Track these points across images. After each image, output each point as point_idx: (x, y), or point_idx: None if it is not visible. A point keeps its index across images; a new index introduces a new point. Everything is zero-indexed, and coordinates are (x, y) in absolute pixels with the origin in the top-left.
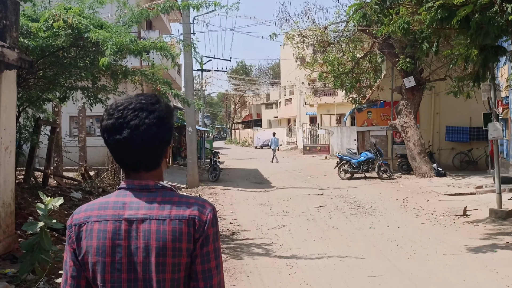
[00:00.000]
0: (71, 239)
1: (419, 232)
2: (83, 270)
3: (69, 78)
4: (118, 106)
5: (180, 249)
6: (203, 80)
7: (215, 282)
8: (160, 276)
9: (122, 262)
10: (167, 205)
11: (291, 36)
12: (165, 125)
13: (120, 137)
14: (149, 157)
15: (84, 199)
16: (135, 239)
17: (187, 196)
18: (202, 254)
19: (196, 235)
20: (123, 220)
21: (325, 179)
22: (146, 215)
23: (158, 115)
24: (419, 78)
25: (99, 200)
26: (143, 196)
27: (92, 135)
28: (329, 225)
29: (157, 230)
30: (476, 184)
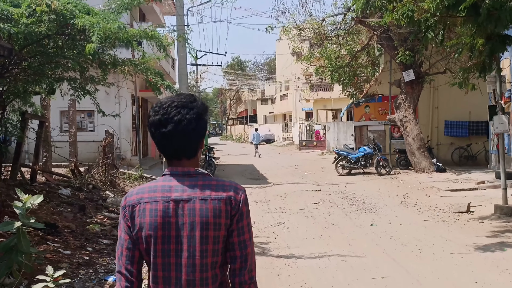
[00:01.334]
0: (125, 217)
1: (423, 230)
2: (137, 243)
3: (56, 68)
4: (163, 104)
5: (219, 224)
6: (198, 75)
7: (249, 250)
8: (203, 247)
9: (171, 236)
10: (207, 188)
11: (288, 29)
12: (202, 119)
13: (165, 130)
14: (189, 147)
15: (73, 196)
16: (181, 216)
17: (223, 180)
18: (238, 228)
19: (233, 212)
20: (171, 200)
21: (322, 175)
22: (190, 196)
23: (197, 111)
24: (419, 72)
25: (147, 185)
26: (185, 181)
27: (83, 130)
28: (329, 222)
29: (200, 209)
30: (477, 180)
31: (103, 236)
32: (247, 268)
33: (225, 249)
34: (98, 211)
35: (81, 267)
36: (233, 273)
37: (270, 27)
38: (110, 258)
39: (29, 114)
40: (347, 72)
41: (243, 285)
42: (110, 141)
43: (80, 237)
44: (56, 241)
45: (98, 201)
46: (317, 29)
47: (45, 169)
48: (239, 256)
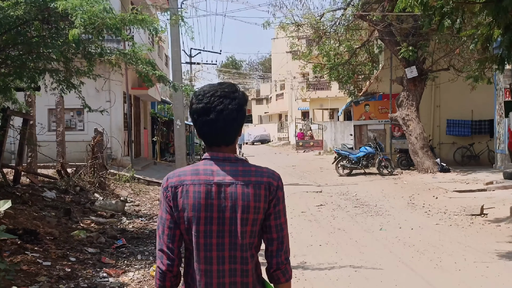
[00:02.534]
0: (168, 198)
1: (437, 235)
2: (179, 222)
3: (37, 59)
4: (206, 93)
5: (259, 208)
6: (192, 73)
7: (285, 233)
8: (244, 228)
9: (213, 217)
10: (247, 173)
11: (285, 25)
12: (242, 110)
13: (208, 118)
14: (229, 135)
15: (59, 199)
16: (223, 199)
17: (261, 167)
18: (275, 212)
19: (270, 197)
20: (213, 184)
21: (322, 175)
22: (232, 180)
23: (238, 102)
24: (422, 68)
25: (189, 168)
26: (226, 166)
27: (72, 129)
28: (334, 226)
29: (242, 192)
30: (484, 180)
31: (88, 244)
32: (283, 249)
33: (261, 231)
34: (85, 215)
35: (61, 280)
36: (271, 254)
37: (267, 22)
38: (95, 269)
39: (11, 111)
40: (346, 69)
41: (280, 265)
42: (99, 140)
43: (63, 245)
44: (35, 250)
45: (86, 204)
46: (315, 24)
47: (30, 170)
48: (276, 238)
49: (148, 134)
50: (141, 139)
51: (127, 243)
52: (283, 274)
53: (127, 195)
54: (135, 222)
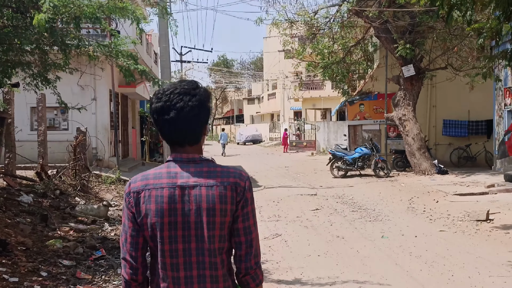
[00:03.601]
0: (130, 204)
1: (443, 243)
2: (142, 230)
3: (8, 51)
4: (166, 91)
5: (225, 210)
6: (182, 72)
7: (253, 236)
8: (211, 232)
9: (177, 221)
10: (213, 174)
11: (278, 22)
12: (204, 106)
13: (168, 117)
14: (192, 134)
15: (36, 204)
16: (187, 202)
17: (227, 167)
18: (243, 214)
19: (238, 198)
20: (177, 187)
21: (316, 177)
22: (196, 182)
23: (199, 98)
24: (419, 67)
25: (152, 171)
26: (190, 167)
27: (56, 128)
28: (332, 234)
29: (207, 195)
30: (484, 182)
31: (64, 255)
32: (252, 253)
33: (230, 235)
34: (64, 221)
35: None
36: (239, 259)
37: (259, 19)
38: (68, 287)
39: None
40: (340, 68)
41: (249, 270)
42: (82, 140)
43: (36, 257)
44: (3, 263)
45: (65, 209)
46: (309, 21)
47: (7, 172)
48: (244, 241)
49: (136, 134)
50: (129, 139)
51: (107, 254)
52: (253, 279)
53: (111, 198)
54: (118, 229)
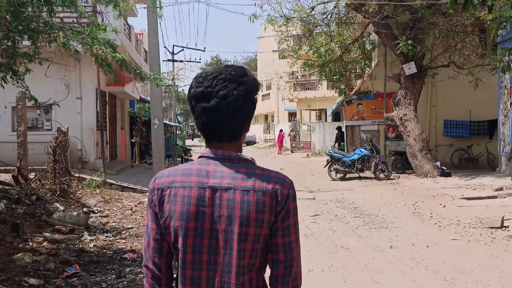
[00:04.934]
0: (153, 202)
1: (459, 254)
2: (165, 233)
3: None
4: (208, 75)
5: (262, 220)
6: (174, 72)
7: (295, 255)
8: (242, 245)
9: (204, 229)
10: (251, 177)
11: (273, 19)
12: (250, 98)
13: (207, 105)
14: (232, 128)
15: (9, 211)
16: (218, 207)
17: (268, 170)
18: (283, 227)
19: (278, 208)
20: (207, 187)
21: (313, 180)
22: (230, 184)
23: (246, 88)
24: (421, 64)
25: (181, 167)
26: (226, 166)
27: (39, 129)
28: (336, 243)
29: (241, 200)
30: (491, 186)
31: (33, 271)
32: (291, 275)
33: (266, 250)
34: (39, 230)
35: None
36: (275, 280)
37: (254, 15)
38: None
39: None
40: (338, 66)
41: None
42: (62, 140)
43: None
44: None
45: (42, 216)
46: (306, 18)
47: None
48: (283, 260)
49: (126, 135)
50: (118, 141)
51: (82, 270)
52: None
53: (95, 203)
54: (99, 239)
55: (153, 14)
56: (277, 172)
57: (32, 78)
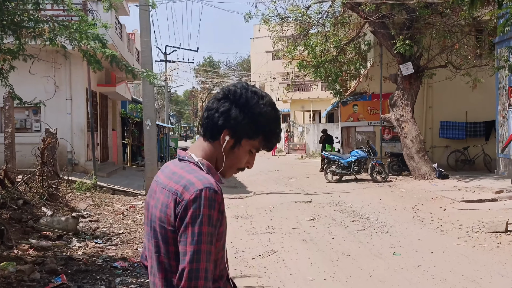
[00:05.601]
0: None
1: (465, 261)
2: None
3: None
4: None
5: (164, 221)
6: (167, 72)
7: (184, 267)
8: (154, 241)
9: (146, 217)
10: (173, 176)
11: (268, 19)
12: (226, 109)
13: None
14: (205, 127)
15: None
16: (153, 200)
17: (194, 171)
18: (181, 234)
19: (177, 212)
20: (155, 181)
21: (309, 182)
22: (161, 181)
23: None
24: (418, 65)
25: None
26: (173, 164)
27: (27, 130)
28: (336, 250)
29: (158, 198)
30: (491, 188)
31: (16, 282)
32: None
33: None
34: (25, 236)
35: None
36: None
37: (248, 15)
38: None
39: None
40: (333, 67)
41: None
42: (50, 142)
43: None
44: None
45: (28, 221)
46: (301, 17)
47: None
48: (176, 270)
49: (117, 136)
50: (109, 142)
51: (69, 280)
52: None
53: (85, 207)
54: (88, 246)
55: (146, 12)
56: (198, 176)
57: (21, 77)
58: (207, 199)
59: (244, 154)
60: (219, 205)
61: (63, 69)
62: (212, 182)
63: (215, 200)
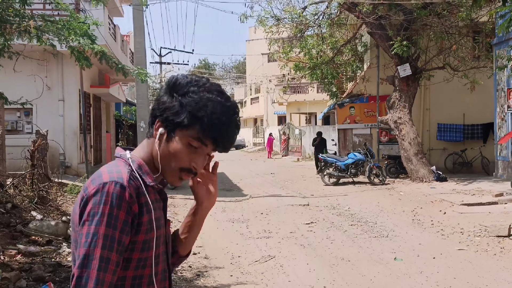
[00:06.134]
0: None
1: (469, 267)
2: None
3: None
4: None
5: (75, 223)
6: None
7: (73, 272)
8: (72, 248)
9: None
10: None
11: (264, 20)
12: (158, 99)
13: None
14: (148, 123)
15: None
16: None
17: (106, 168)
18: (78, 233)
19: (81, 209)
20: None
21: (306, 185)
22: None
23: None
24: (415, 66)
25: None
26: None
27: (19, 132)
28: (335, 255)
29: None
30: (490, 191)
31: None
32: None
33: None
34: (13, 241)
35: None
36: None
37: (244, 16)
38: None
39: None
40: (330, 69)
41: None
42: (41, 144)
43: None
44: None
45: (17, 226)
46: (297, 18)
47: None
48: (72, 276)
49: (111, 139)
50: (103, 144)
51: None
52: None
53: None
54: None
55: (139, 12)
56: (110, 169)
57: (12, 79)
58: (110, 194)
59: (182, 148)
60: (129, 205)
61: (55, 70)
62: (124, 177)
63: (122, 197)
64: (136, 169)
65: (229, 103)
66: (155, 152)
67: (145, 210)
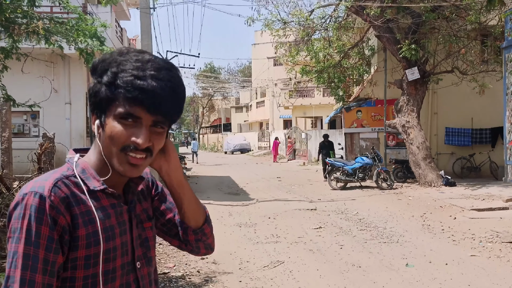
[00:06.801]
0: None
1: (483, 274)
2: None
3: None
4: None
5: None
6: None
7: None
8: None
9: None
10: None
11: (270, 22)
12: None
13: None
14: None
15: None
16: None
17: (48, 172)
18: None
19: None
20: None
21: (313, 189)
22: None
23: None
24: (424, 70)
25: None
26: None
27: (25, 135)
28: (346, 260)
29: None
30: (500, 196)
31: None
32: None
33: None
34: None
35: None
36: None
37: (251, 19)
38: None
39: None
40: (337, 72)
41: None
42: (48, 147)
43: None
44: None
45: None
46: (304, 22)
47: None
48: None
49: None
50: None
51: None
52: None
53: None
54: None
55: (147, 15)
56: (40, 177)
57: (19, 81)
58: (27, 207)
59: (115, 127)
60: (52, 218)
61: (62, 73)
62: (46, 184)
63: (42, 210)
64: (79, 173)
65: (144, 56)
66: (99, 147)
67: (82, 222)
